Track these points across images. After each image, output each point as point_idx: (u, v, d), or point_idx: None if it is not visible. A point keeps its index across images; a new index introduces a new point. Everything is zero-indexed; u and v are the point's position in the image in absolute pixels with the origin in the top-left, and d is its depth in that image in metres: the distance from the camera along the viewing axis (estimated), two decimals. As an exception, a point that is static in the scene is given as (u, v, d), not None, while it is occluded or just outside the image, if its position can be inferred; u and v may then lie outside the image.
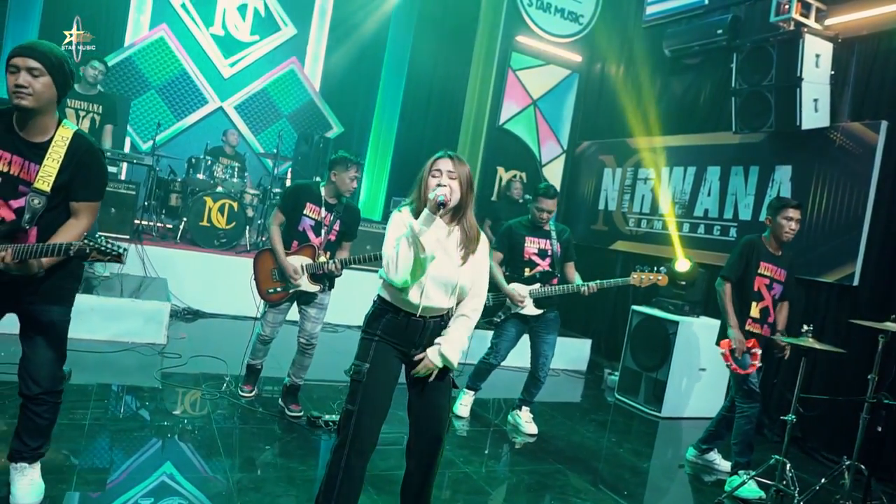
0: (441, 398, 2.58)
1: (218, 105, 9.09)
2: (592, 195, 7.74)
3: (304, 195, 3.93)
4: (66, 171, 2.40)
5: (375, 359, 2.47)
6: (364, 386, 2.45)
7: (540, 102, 7.84)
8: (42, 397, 2.55)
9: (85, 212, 2.48)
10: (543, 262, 4.55)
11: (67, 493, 2.77)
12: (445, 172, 2.42)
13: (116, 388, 4.14)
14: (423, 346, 2.50)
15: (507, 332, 4.62)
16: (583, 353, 7.03)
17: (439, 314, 2.53)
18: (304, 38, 9.52)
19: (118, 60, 8.37)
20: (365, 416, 2.43)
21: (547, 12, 7.68)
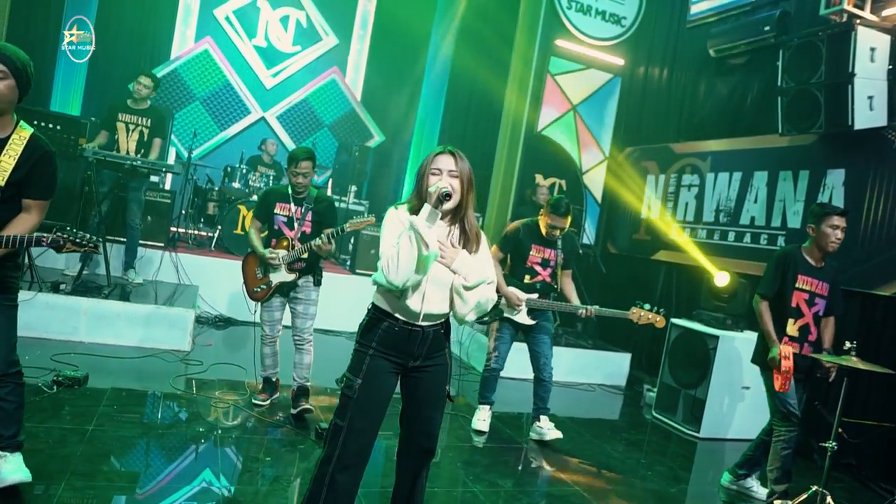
0: (434, 410, 2.44)
1: (260, 115, 9.21)
2: (634, 203, 7.42)
3: (273, 197, 4.14)
4: (21, 168, 2.51)
5: (368, 374, 2.33)
6: (355, 402, 2.32)
7: (580, 108, 7.59)
8: (2, 380, 2.62)
9: (36, 209, 2.60)
10: (544, 272, 4.40)
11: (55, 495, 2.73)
12: (446, 172, 2.31)
13: (128, 394, 4.12)
14: (422, 356, 2.36)
15: (503, 334, 4.47)
16: (621, 367, 6.71)
17: (438, 321, 2.39)
18: (346, 48, 9.56)
19: (164, 73, 8.57)
20: (353, 433, 2.30)
21: (587, 15, 7.44)
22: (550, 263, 4.40)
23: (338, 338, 6.66)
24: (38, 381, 3.96)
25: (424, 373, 2.40)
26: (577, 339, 6.84)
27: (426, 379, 2.41)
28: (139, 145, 5.68)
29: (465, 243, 2.38)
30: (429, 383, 2.41)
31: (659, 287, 6.89)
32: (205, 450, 3.49)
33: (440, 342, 2.41)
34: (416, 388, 2.42)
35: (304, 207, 4.12)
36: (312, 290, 4.21)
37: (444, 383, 2.43)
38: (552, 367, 4.47)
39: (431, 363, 2.40)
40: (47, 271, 5.79)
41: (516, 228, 4.48)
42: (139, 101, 5.71)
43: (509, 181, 7.49)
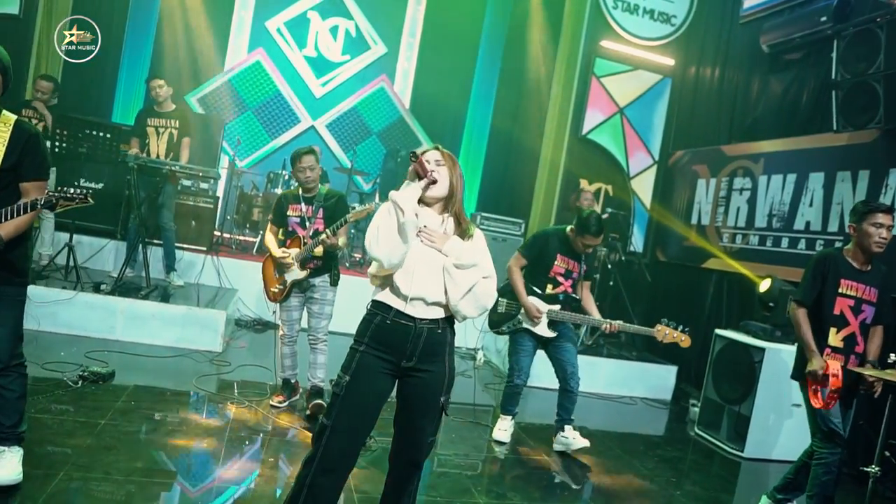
0: (425, 421, 2.31)
1: (310, 124, 9.34)
2: (685, 209, 7.07)
3: (284, 201, 4.24)
4: (12, 154, 2.55)
5: (357, 371, 2.25)
6: (342, 400, 2.23)
7: (627, 110, 7.33)
8: (4, 371, 2.65)
9: (34, 191, 2.62)
10: (566, 283, 4.21)
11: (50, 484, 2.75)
12: (433, 161, 2.32)
13: (148, 391, 4.18)
14: (416, 356, 2.24)
15: (524, 345, 4.28)
16: (667, 380, 6.37)
17: (432, 316, 2.26)
18: (394, 56, 9.59)
19: (218, 84, 8.85)
20: (337, 433, 2.21)
21: (634, 14, 7.19)
22: (573, 275, 4.21)
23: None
24: (63, 376, 4.07)
25: (418, 378, 2.28)
26: (619, 350, 6.55)
27: (419, 385, 2.29)
28: (169, 147, 5.82)
29: (459, 232, 2.34)
30: (422, 391, 2.29)
31: (709, 297, 6.52)
32: (211, 449, 3.48)
33: (438, 346, 2.29)
34: (410, 394, 2.31)
35: (315, 206, 4.19)
36: (328, 290, 4.24)
37: (438, 393, 2.29)
38: (580, 377, 4.24)
39: (427, 368, 2.27)
40: (96, 273, 6.01)
41: (544, 235, 4.31)
42: (163, 103, 5.84)
43: (552, 186, 7.30)
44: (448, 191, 2.32)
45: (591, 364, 6.10)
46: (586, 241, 4.08)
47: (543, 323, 4.14)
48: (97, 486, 2.86)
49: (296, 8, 9.12)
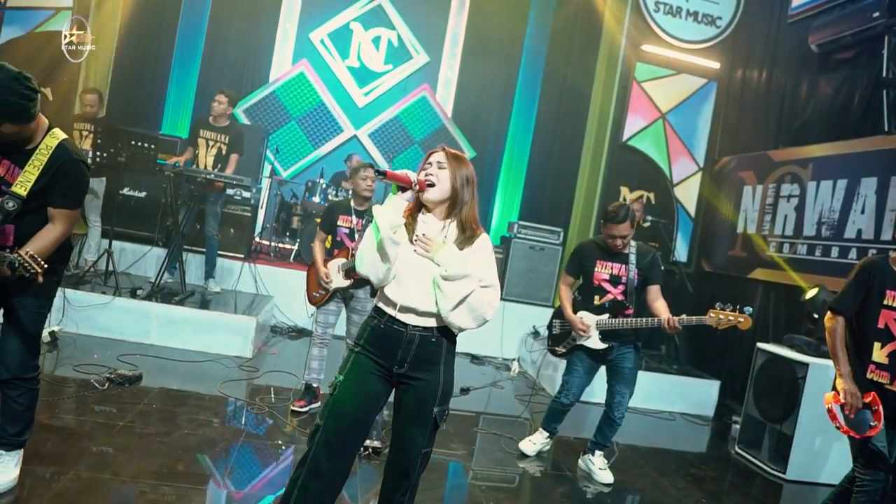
0: (415, 430, 2.23)
1: (353, 133, 9.42)
2: (730, 217, 6.79)
3: (336, 210, 4.35)
4: (44, 177, 2.50)
5: (350, 372, 2.22)
6: (334, 400, 2.20)
7: (670, 116, 7.10)
8: (14, 382, 2.65)
9: (60, 218, 2.55)
10: (615, 290, 3.96)
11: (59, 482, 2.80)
12: (435, 164, 2.24)
13: (172, 395, 4.24)
14: (408, 363, 2.19)
15: (576, 367, 4.07)
16: (709, 395, 6.10)
17: (425, 324, 2.20)
18: (436, 65, 9.58)
19: (263, 95, 9.03)
20: (327, 433, 2.16)
21: (677, 17, 6.98)
22: (621, 280, 3.93)
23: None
24: (91, 378, 4.17)
25: (411, 386, 2.23)
26: (658, 363, 6.31)
27: (411, 393, 2.23)
28: (216, 160, 5.95)
29: (461, 239, 2.23)
30: (413, 399, 2.23)
31: (755, 309, 6.19)
32: (224, 453, 3.49)
33: (431, 355, 2.21)
34: (402, 401, 2.26)
35: (365, 219, 4.30)
36: (368, 301, 4.32)
37: (430, 403, 2.22)
38: (626, 408, 4.01)
39: (419, 376, 2.21)
40: (139, 279, 6.18)
41: (578, 246, 4.17)
42: (218, 118, 5.97)
43: (592, 195, 7.13)
44: (449, 194, 2.23)
45: (628, 377, 5.89)
46: (610, 231, 3.84)
47: (594, 336, 3.97)
48: (103, 487, 2.89)
49: (339, 19, 9.24)
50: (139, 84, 7.61)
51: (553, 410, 4.23)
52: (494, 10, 9.35)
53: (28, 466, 2.85)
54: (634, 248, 3.96)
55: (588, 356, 4.03)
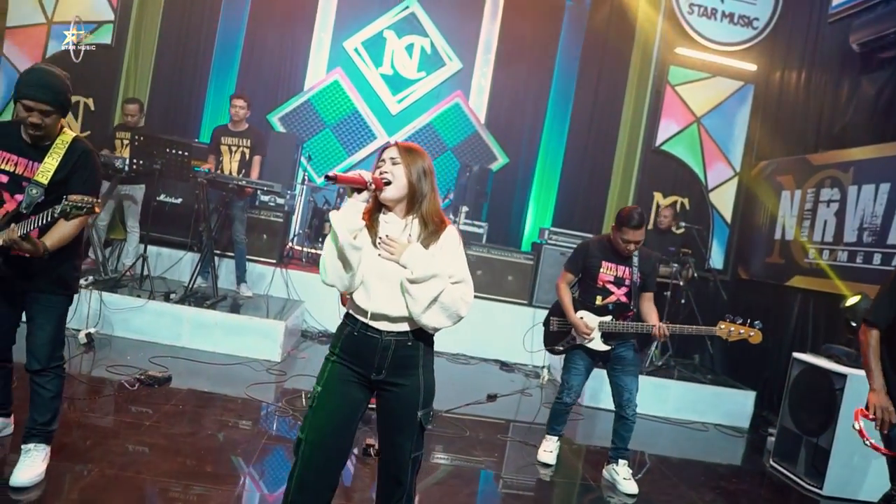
0: (402, 437, 2.20)
1: (386, 140, 9.49)
2: (768, 223, 6.60)
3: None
4: (63, 168, 2.68)
5: (328, 382, 2.18)
6: (314, 412, 2.17)
7: (705, 120, 6.96)
8: (42, 372, 2.80)
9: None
10: (619, 292, 3.92)
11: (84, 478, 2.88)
12: (388, 160, 2.17)
13: (199, 396, 4.32)
14: (385, 369, 2.15)
15: (576, 365, 4.03)
16: (744, 406, 5.92)
17: (399, 329, 2.15)
18: (469, 72, 9.59)
19: (298, 104, 9.17)
20: (310, 447, 2.13)
21: (712, 19, 6.84)
22: (625, 282, 3.92)
23: (439, 359, 6.56)
24: (122, 379, 4.28)
25: (391, 392, 2.19)
26: (692, 373, 6.17)
27: (392, 400, 2.20)
28: (241, 165, 6.06)
29: (425, 235, 2.17)
30: (396, 405, 2.20)
31: (793, 318, 6.02)
32: (243, 454, 3.53)
33: (408, 360, 2.18)
34: (384, 409, 2.23)
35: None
36: None
37: (413, 407, 2.18)
38: (636, 404, 3.95)
39: (399, 382, 2.18)
40: (174, 283, 6.32)
41: (585, 244, 4.12)
42: (238, 123, 6.09)
43: (625, 201, 7.03)
44: (406, 190, 2.15)
45: (660, 386, 5.79)
46: (625, 237, 3.78)
47: (596, 337, 3.93)
48: (126, 484, 2.95)
49: (372, 28, 9.33)
50: (178, 94, 7.81)
51: (556, 412, 4.17)
52: (527, 16, 9.33)
53: (55, 462, 2.93)
54: (636, 250, 3.90)
55: (587, 354, 4.00)
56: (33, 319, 2.79)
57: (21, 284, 2.75)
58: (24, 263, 2.69)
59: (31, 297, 2.79)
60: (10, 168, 2.68)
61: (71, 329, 5.05)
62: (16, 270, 2.69)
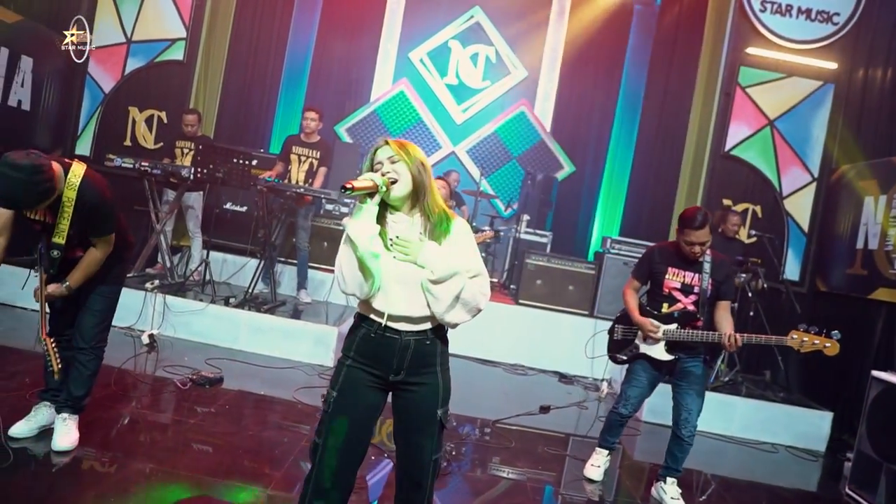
0: (423, 437, 2.16)
1: (451, 150, 9.52)
2: (849, 232, 6.14)
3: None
4: (76, 224, 2.88)
5: (344, 386, 2.15)
6: (330, 417, 2.14)
7: (779, 122, 6.57)
8: (84, 349, 3.08)
9: (100, 244, 3.00)
10: (686, 300, 3.68)
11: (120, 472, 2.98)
12: (386, 160, 2.13)
13: (246, 398, 4.41)
14: (405, 369, 2.12)
15: (638, 377, 3.82)
16: (820, 428, 5.49)
17: (421, 329, 2.12)
18: (535, 80, 9.51)
19: (364, 115, 9.35)
20: (329, 452, 2.12)
21: (787, 16, 6.47)
22: (694, 289, 3.68)
23: (496, 369, 6.48)
24: (174, 378, 4.43)
25: (411, 392, 2.16)
26: (762, 390, 5.79)
27: (412, 400, 2.16)
28: (307, 174, 6.20)
29: (431, 230, 2.13)
30: (415, 405, 2.16)
31: (876, 333, 5.56)
32: (284, 455, 3.57)
33: (428, 357, 2.14)
34: (404, 409, 2.19)
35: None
36: None
37: (434, 406, 2.15)
38: (695, 425, 3.71)
39: (418, 381, 2.15)
40: (238, 288, 6.50)
41: (650, 250, 3.91)
42: (310, 134, 6.24)
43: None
44: (412, 185, 2.12)
45: (726, 403, 5.47)
46: (689, 238, 3.57)
47: (660, 345, 3.73)
48: (159, 478, 3.03)
49: (437, 38, 9.42)
50: (247, 105, 8.11)
51: (611, 423, 3.97)
52: (594, 21, 9.18)
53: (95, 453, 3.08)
54: (709, 256, 3.67)
55: (651, 366, 3.78)
56: (84, 304, 3.07)
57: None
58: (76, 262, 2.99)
59: (84, 289, 3.05)
60: (39, 218, 2.91)
61: (136, 330, 5.32)
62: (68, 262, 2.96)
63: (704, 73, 6.78)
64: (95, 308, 3.09)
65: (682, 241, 3.63)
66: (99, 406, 3.66)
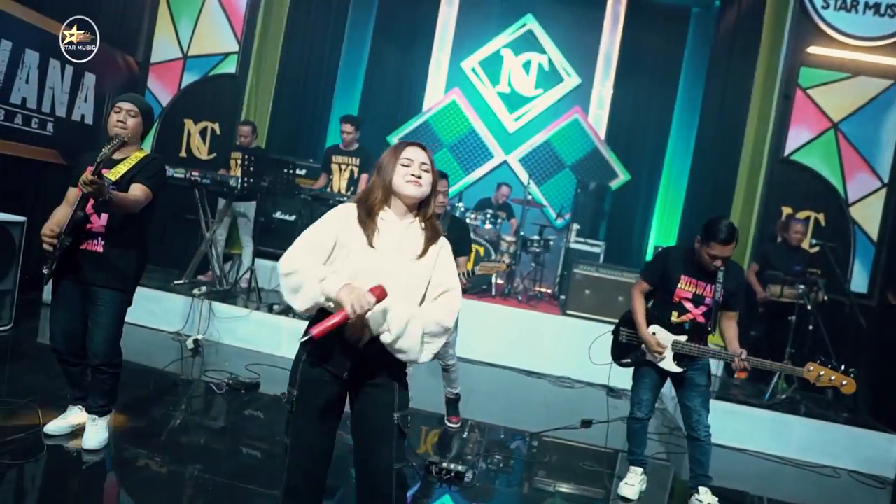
0: (381, 444, 2.08)
1: (503, 159, 9.44)
2: (923, 240, 5.71)
3: None
4: (132, 170, 3.05)
5: (303, 384, 2.10)
6: (294, 416, 2.12)
7: (844, 125, 6.19)
8: (101, 367, 3.10)
9: (135, 189, 3.00)
10: (696, 311, 3.55)
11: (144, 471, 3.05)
12: (418, 164, 2.13)
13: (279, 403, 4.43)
14: (359, 368, 2.06)
15: (645, 378, 3.73)
16: (888, 452, 5.09)
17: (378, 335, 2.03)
18: (588, 87, 9.32)
19: (417, 125, 9.39)
20: (296, 452, 2.10)
21: (852, 12, 6.11)
22: (705, 300, 3.55)
23: (541, 381, 6.33)
24: (211, 382, 4.53)
25: (366, 394, 2.11)
26: (823, 409, 5.43)
27: (368, 402, 2.11)
28: (349, 183, 6.27)
29: (426, 238, 2.14)
30: (371, 408, 2.10)
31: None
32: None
33: (381, 359, 2.07)
34: (360, 411, 2.12)
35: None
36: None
37: (389, 409, 2.08)
38: (708, 425, 3.60)
39: (372, 382, 2.10)
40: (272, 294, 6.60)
41: (665, 251, 3.77)
42: (349, 143, 6.32)
43: (748, 217, 6.41)
44: (425, 197, 2.16)
45: (782, 423, 5.16)
46: (712, 251, 3.39)
47: (668, 357, 3.58)
48: (183, 479, 3.10)
49: (490, 47, 9.38)
50: (300, 117, 8.28)
51: (632, 431, 3.84)
52: (651, 26, 8.95)
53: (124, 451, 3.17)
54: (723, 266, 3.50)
55: (656, 371, 3.67)
56: (93, 318, 3.06)
57: (83, 276, 3.01)
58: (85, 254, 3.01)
59: (91, 295, 3.04)
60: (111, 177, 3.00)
61: (182, 334, 5.48)
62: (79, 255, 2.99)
63: (762, 75, 6.47)
64: (104, 321, 3.06)
65: (703, 252, 3.45)
66: (132, 406, 3.79)
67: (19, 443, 3.09)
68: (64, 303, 3.07)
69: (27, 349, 4.65)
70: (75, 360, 3.15)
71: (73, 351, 3.12)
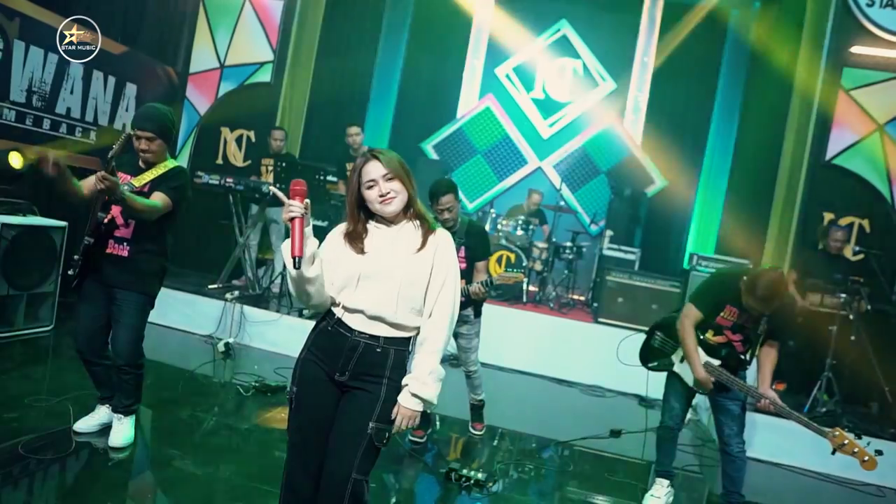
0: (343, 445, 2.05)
1: (537, 165, 9.36)
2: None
3: None
4: (157, 180, 3.12)
5: (302, 381, 2.14)
6: (293, 413, 2.15)
7: (891, 127, 5.95)
8: (124, 368, 3.19)
9: (156, 196, 3.08)
10: (733, 337, 3.42)
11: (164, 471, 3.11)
12: (381, 179, 2.09)
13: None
14: (350, 371, 2.07)
15: (676, 384, 3.62)
16: (937, 472, 4.85)
17: (372, 332, 2.07)
18: (624, 92, 9.17)
19: (451, 132, 9.39)
20: (295, 449, 2.13)
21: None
22: (744, 330, 3.40)
23: (572, 389, 6.24)
24: (238, 385, 4.59)
25: (351, 394, 2.10)
26: (867, 424, 5.20)
27: (349, 402, 2.09)
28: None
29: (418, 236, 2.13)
30: (349, 408, 2.09)
31: None
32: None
33: (375, 367, 2.07)
34: (339, 413, 2.10)
35: (457, 243, 3.98)
36: (472, 325, 4.19)
37: (366, 416, 2.04)
38: (743, 440, 3.48)
39: (360, 386, 2.08)
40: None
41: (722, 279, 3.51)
42: (357, 149, 6.38)
43: (788, 223, 6.22)
44: (407, 199, 2.13)
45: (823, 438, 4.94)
46: (750, 303, 3.21)
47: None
48: (200, 479, 3.14)
49: (524, 53, 9.32)
50: (335, 124, 8.35)
51: (661, 440, 3.73)
52: (687, 31, 8.75)
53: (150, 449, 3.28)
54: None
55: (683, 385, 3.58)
56: (116, 320, 3.14)
57: (107, 279, 3.10)
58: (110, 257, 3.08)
59: (114, 297, 3.12)
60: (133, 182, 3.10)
61: (214, 338, 5.58)
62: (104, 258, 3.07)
63: (803, 76, 6.28)
64: (128, 322, 3.14)
65: (747, 298, 3.23)
66: (159, 405, 3.87)
67: (50, 439, 3.19)
68: (88, 304, 3.16)
69: (66, 349, 4.79)
70: (97, 360, 3.24)
71: (95, 351, 3.21)
